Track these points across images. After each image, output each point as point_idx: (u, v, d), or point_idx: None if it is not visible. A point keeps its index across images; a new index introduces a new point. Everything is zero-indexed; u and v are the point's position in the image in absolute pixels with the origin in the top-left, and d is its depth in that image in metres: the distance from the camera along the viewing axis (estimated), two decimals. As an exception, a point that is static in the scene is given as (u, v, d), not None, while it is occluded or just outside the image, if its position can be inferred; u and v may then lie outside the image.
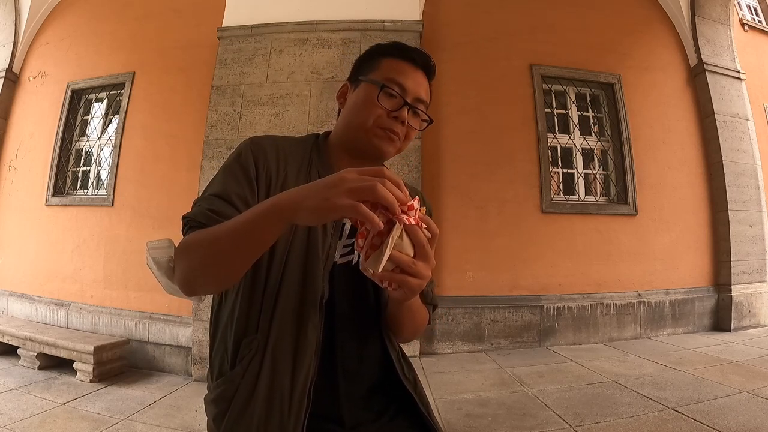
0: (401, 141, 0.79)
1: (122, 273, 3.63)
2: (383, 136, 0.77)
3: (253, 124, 3.36)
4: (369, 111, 0.77)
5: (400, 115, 0.76)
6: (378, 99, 0.76)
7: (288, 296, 0.70)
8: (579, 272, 3.87)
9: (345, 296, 0.76)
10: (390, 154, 0.80)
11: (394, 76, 0.77)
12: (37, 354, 3.09)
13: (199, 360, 3.05)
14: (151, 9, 4.18)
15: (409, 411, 0.79)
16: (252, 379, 0.67)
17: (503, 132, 3.93)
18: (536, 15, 4.18)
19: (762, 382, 2.54)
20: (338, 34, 3.53)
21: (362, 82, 0.80)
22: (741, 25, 5.70)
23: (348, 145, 0.81)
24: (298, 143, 0.82)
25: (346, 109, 0.82)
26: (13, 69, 4.63)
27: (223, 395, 0.68)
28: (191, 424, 2.28)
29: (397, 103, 0.77)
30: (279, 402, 0.66)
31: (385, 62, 0.79)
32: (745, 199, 4.37)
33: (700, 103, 4.50)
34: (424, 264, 0.56)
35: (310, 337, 0.69)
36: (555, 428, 2.06)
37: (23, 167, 4.41)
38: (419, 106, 0.80)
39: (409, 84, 0.78)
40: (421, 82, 0.80)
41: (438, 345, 3.50)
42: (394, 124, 0.76)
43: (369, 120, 0.77)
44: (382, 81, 0.77)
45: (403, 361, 0.82)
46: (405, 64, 0.79)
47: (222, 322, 0.74)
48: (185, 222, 0.69)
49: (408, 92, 0.77)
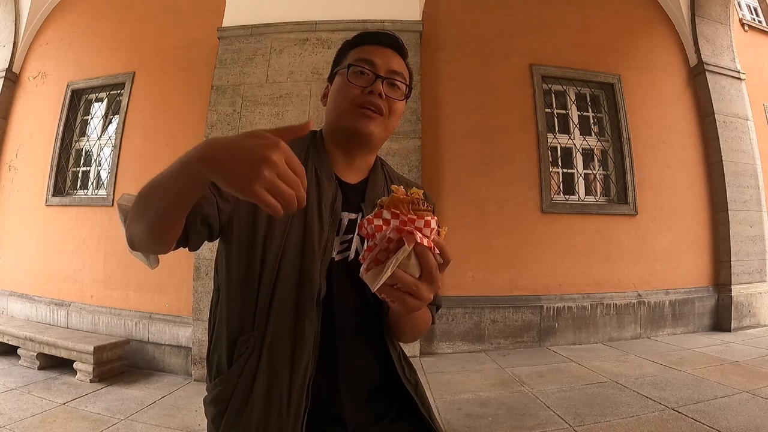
0: (385, 116, 0.78)
1: (122, 273, 3.63)
2: (358, 113, 0.76)
3: (253, 124, 3.36)
4: (344, 93, 0.78)
5: (374, 88, 0.76)
6: (349, 78, 0.76)
7: (284, 292, 0.69)
8: (579, 272, 3.87)
9: (344, 293, 0.75)
10: (373, 132, 0.77)
11: (361, 55, 0.79)
12: (37, 354, 3.09)
13: (199, 360, 3.05)
14: (151, 9, 4.18)
15: (410, 413, 0.78)
16: (249, 377, 0.66)
17: (503, 132, 3.93)
18: (536, 15, 4.18)
19: (762, 382, 2.54)
20: (338, 34, 3.53)
21: (336, 74, 0.82)
22: (741, 25, 5.69)
23: (334, 137, 0.82)
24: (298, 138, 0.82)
25: (327, 104, 0.83)
26: (13, 69, 4.63)
27: (221, 395, 0.68)
28: (191, 424, 2.28)
29: (369, 79, 0.77)
30: (277, 401, 0.65)
31: (352, 52, 0.81)
32: (745, 199, 4.37)
33: (700, 103, 4.50)
34: (428, 287, 0.53)
35: (307, 335, 0.68)
36: (555, 428, 2.06)
37: (23, 167, 4.41)
38: (395, 77, 0.79)
39: (378, 59, 0.78)
40: (392, 57, 0.80)
41: (438, 345, 3.50)
42: (371, 98, 0.76)
43: (345, 101, 0.77)
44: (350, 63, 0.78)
45: (405, 363, 0.82)
46: (371, 47, 0.80)
47: (218, 321, 0.74)
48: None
49: (378, 67, 0.78)
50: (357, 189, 0.82)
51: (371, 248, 0.52)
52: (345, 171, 0.82)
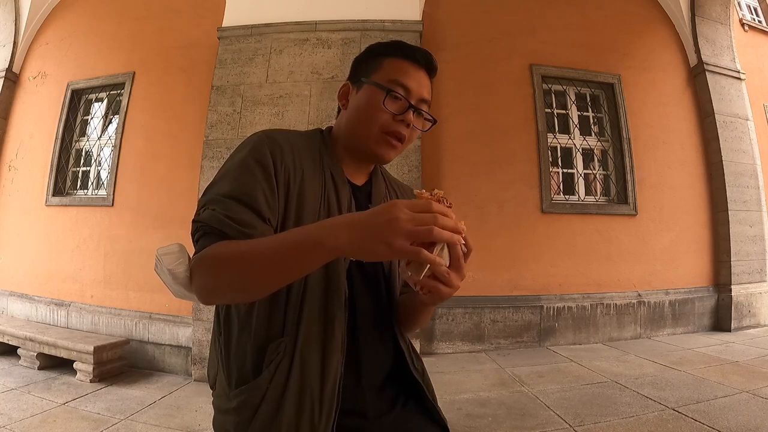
0: (405, 144, 0.79)
1: (122, 273, 3.63)
2: (386, 142, 0.76)
3: (253, 124, 3.36)
4: (374, 116, 0.75)
5: (405, 119, 0.75)
6: (384, 104, 0.74)
7: (313, 297, 0.70)
8: (579, 272, 3.87)
9: (362, 292, 0.77)
10: (390, 159, 0.80)
11: (398, 77, 0.76)
12: (37, 354, 3.09)
13: (199, 360, 3.05)
14: (151, 9, 4.18)
15: (416, 399, 0.82)
16: (281, 382, 0.66)
17: (503, 132, 3.93)
18: (536, 15, 4.18)
19: (762, 382, 2.54)
20: (338, 34, 3.53)
21: (365, 84, 0.78)
22: (741, 25, 5.70)
23: (350, 147, 0.81)
24: (307, 139, 0.81)
25: (349, 111, 0.80)
26: (13, 69, 4.63)
27: (248, 402, 0.66)
28: (191, 424, 2.28)
29: (401, 106, 0.75)
30: (309, 403, 0.66)
31: (387, 62, 0.78)
32: (745, 199, 4.37)
33: (700, 103, 4.50)
34: (457, 276, 0.61)
35: (337, 336, 0.70)
36: (555, 428, 2.06)
37: (23, 167, 4.41)
38: (422, 107, 0.79)
39: (413, 85, 0.76)
40: (424, 82, 0.79)
41: (438, 345, 3.50)
42: (400, 127, 0.75)
43: (374, 125, 0.75)
44: (386, 83, 0.75)
45: (413, 352, 0.85)
46: (407, 64, 0.78)
47: (236, 328, 0.72)
48: (197, 227, 0.66)
49: (412, 94, 0.76)
50: (363, 191, 0.83)
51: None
52: (352, 173, 0.83)
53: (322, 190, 0.75)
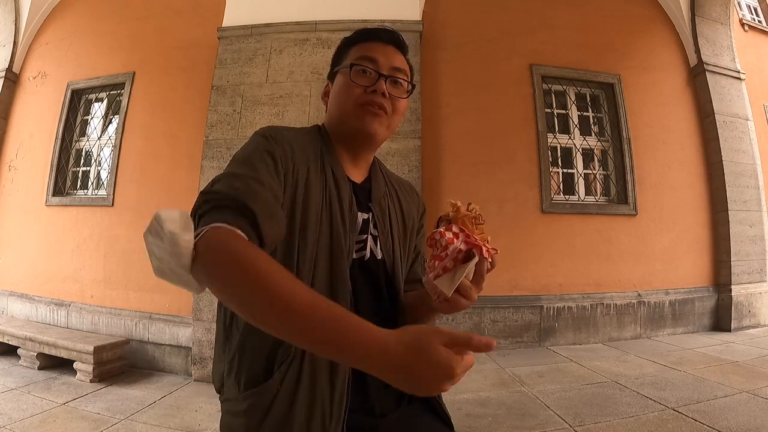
0: (389, 115, 0.78)
1: (122, 273, 3.63)
2: (364, 113, 0.76)
3: (253, 124, 3.36)
4: (347, 93, 0.77)
5: (378, 87, 0.76)
6: (351, 78, 0.76)
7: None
8: (579, 272, 3.87)
9: (364, 290, 0.77)
10: (377, 131, 0.78)
11: (363, 53, 0.78)
12: (37, 354, 3.09)
13: (199, 360, 3.05)
14: (151, 9, 4.18)
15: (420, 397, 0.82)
16: (292, 384, 0.66)
17: (503, 132, 3.93)
18: (536, 15, 4.18)
19: (762, 382, 2.54)
20: (338, 34, 3.53)
21: (336, 73, 0.82)
22: (741, 25, 5.69)
23: (339, 136, 0.82)
24: (307, 135, 0.82)
25: (330, 102, 0.83)
26: (13, 69, 4.63)
27: (258, 405, 0.66)
28: (191, 424, 2.28)
29: (371, 78, 0.77)
30: (320, 403, 0.66)
31: (354, 49, 0.81)
32: (745, 199, 4.37)
33: (700, 103, 4.50)
34: (476, 290, 0.64)
35: None
36: (555, 428, 2.06)
37: (23, 167, 4.41)
38: (397, 75, 0.79)
39: (380, 57, 0.78)
40: (393, 54, 0.80)
41: (438, 345, 3.49)
42: (375, 97, 0.76)
43: (349, 102, 0.77)
44: (352, 62, 0.78)
45: None
46: (372, 44, 0.80)
47: (243, 330, 0.70)
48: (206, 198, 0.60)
49: (380, 65, 0.78)
50: (363, 188, 0.83)
51: (441, 258, 0.61)
52: (350, 170, 0.83)
53: (323, 186, 0.75)
